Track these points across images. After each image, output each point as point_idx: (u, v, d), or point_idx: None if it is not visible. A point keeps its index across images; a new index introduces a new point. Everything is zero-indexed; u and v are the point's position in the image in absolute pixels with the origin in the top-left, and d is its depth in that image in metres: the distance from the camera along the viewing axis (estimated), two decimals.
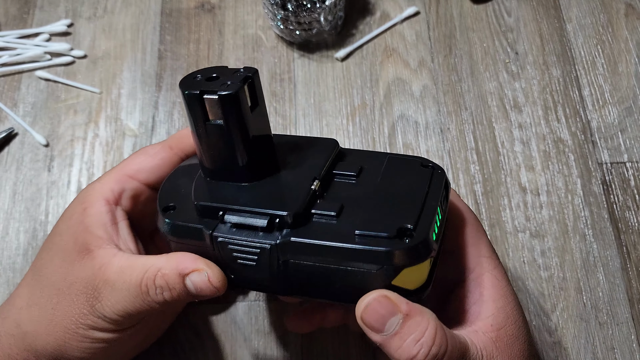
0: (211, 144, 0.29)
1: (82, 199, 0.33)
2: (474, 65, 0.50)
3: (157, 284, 0.29)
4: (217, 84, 0.28)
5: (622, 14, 0.52)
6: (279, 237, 0.28)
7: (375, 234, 0.27)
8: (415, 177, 0.31)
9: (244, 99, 0.28)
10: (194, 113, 0.28)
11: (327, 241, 0.27)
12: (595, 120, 0.48)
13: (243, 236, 0.28)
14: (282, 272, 0.28)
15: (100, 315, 0.31)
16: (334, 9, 0.49)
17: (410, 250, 0.27)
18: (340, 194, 0.30)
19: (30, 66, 0.51)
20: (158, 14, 0.54)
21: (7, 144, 0.49)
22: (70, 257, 0.31)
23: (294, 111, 0.49)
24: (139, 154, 0.35)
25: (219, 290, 0.29)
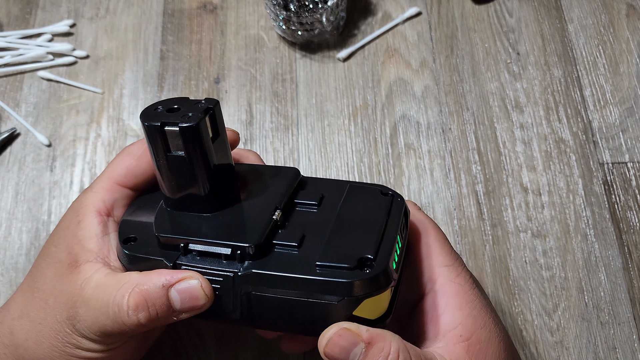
0: (172, 175, 0.29)
1: (77, 210, 0.33)
2: (476, 66, 0.50)
3: (130, 302, 0.28)
4: (178, 115, 0.28)
5: (623, 14, 0.52)
6: (240, 268, 0.28)
7: (336, 265, 0.27)
8: (374, 206, 0.31)
9: (204, 130, 0.28)
10: (154, 144, 0.28)
11: (289, 272, 0.27)
12: (596, 120, 0.48)
13: (207, 264, 0.28)
14: (246, 304, 0.28)
15: (82, 334, 0.30)
16: (335, 9, 0.49)
17: (370, 280, 0.27)
18: (302, 223, 0.30)
19: (32, 66, 0.51)
20: (160, 14, 0.54)
21: (10, 144, 0.49)
22: (60, 270, 0.31)
23: (296, 111, 0.49)
24: (124, 156, 0.34)
25: (209, 299, 0.28)
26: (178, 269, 0.28)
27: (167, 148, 0.28)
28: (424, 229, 0.32)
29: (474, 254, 0.43)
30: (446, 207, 0.45)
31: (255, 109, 0.49)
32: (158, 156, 0.29)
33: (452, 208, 0.45)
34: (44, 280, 0.32)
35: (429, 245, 0.32)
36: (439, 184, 0.46)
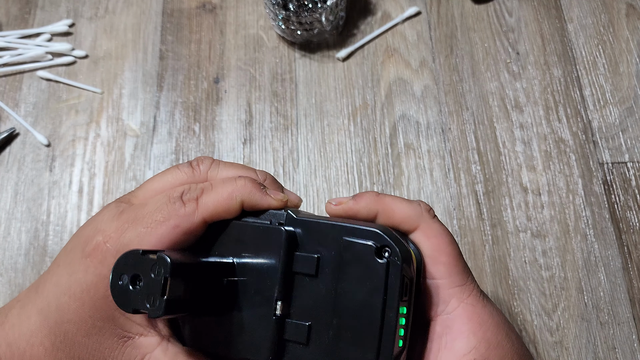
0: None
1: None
2: (475, 66, 0.50)
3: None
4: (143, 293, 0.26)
5: (623, 14, 0.52)
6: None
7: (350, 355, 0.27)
8: (371, 281, 0.29)
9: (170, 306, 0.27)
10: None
11: None
12: (596, 120, 0.48)
13: None
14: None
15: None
16: (335, 9, 0.49)
17: None
18: (305, 305, 0.29)
19: (31, 66, 0.51)
20: (159, 14, 0.54)
21: (9, 144, 0.49)
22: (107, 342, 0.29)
23: (295, 111, 0.49)
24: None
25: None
26: None
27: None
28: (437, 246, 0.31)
29: (474, 254, 0.43)
30: (446, 207, 0.45)
31: (255, 109, 0.49)
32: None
33: (451, 208, 0.45)
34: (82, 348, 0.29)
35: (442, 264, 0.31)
36: (439, 184, 0.46)
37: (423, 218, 0.31)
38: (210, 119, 0.49)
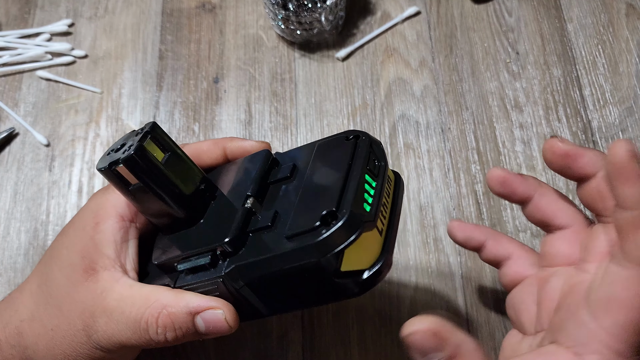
0: (143, 205, 0.30)
1: (96, 211, 0.32)
2: (475, 65, 0.50)
3: (160, 322, 0.29)
4: (121, 152, 0.29)
5: (622, 13, 0.52)
6: (224, 268, 0.28)
7: (302, 230, 0.26)
8: (338, 156, 0.30)
9: (145, 155, 0.29)
10: (115, 184, 0.30)
11: (264, 255, 0.27)
12: (596, 120, 0.48)
13: (198, 277, 0.29)
14: (246, 297, 0.29)
15: (98, 346, 0.30)
16: (334, 8, 0.49)
17: (337, 232, 0.25)
18: (275, 200, 0.30)
19: (31, 66, 0.51)
20: (159, 13, 0.54)
21: (8, 143, 0.49)
22: (75, 276, 0.31)
23: (295, 111, 0.49)
24: None
25: (233, 328, 0.29)
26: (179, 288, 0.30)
27: (126, 183, 0.29)
28: None
29: (474, 255, 0.43)
30: (445, 207, 0.45)
31: (254, 109, 0.49)
32: (124, 193, 0.30)
33: (451, 208, 0.45)
34: (57, 285, 0.31)
35: None
36: (438, 184, 0.46)
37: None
38: (209, 119, 0.49)
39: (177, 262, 0.30)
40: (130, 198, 0.30)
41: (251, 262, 0.27)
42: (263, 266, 0.27)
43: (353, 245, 0.26)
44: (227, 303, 0.29)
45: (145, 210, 0.31)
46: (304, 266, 0.26)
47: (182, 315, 0.29)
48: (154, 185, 0.29)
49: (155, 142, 0.30)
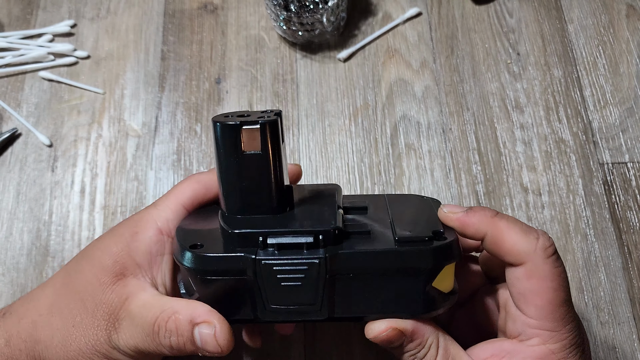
0: (243, 175, 0.30)
1: (136, 222, 0.32)
2: (476, 66, 0.50)
3: (168, 327, 0.29)
4: (251, 118, 0.29)
5: (623, 14, 0.52)
6: (326, 252, 0.28)
7: (415, 237, 0.28)
8: (419, 202, 0.34)
9: (280, 127, 0.29)
10: (229, 144, 0.29)
11: (372, 248, 0.28)
12: (596, 120, 0.48)
13: (288, 255, 0.28)
14: (328, 290, 0.29)
15: (116, 346, 0.30)
16: (336, 9, 0.49)
17: (448, 247, 0.28)
18: (361, 220, 0.31)
19: (33, 67, 0.51)
20: (161, 14, 0.54)
21: (11, 144, 0.49)
22: (104, 277, 0.31)
23: (297, 112, 0.49)
24: (193, 182, 0.34)
25: (222, 350, 0.29)
26: (258, 264, 0.28)
27: (238, 148, 0.29)
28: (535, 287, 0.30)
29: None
30: None
31: (256, 109, 0.49)
32: (230, 157, 0.29)
33: None
34: (84, 284, 0.31)
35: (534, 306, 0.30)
36: (440, 184, 0.46)
37: (533, 256, 0.29)
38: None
39: (268, 235, 0.29)
40: (231, 164, 0.29)
41: (358, 252, 0.28)
42: (369, 259, 0.28)
43: (446, 268, 0.29)
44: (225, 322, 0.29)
45: (239, 181, 0.30)
46: (412, 269, 0.28)
47: (185, 324, 0.29)
48: (273, 158, 0.29)
49: (280, 127, 0.30)
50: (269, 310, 0.29)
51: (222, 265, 0.29)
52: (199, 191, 0.34)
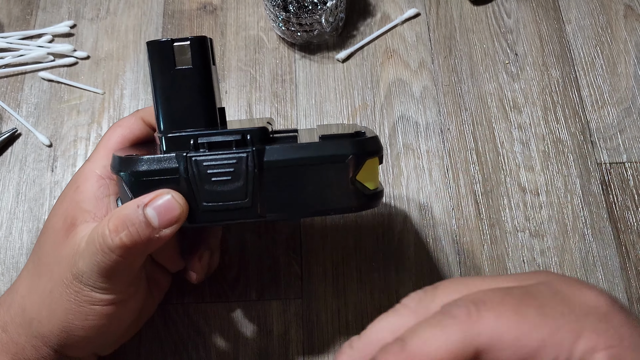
0: (176, 91, 0.31)
1: (76, 179, 0.34)
2: (474, 67, 0.50)
3: (111, 226, 0.29)
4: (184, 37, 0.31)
5: (621, 15, 0.52)
6: (252, 147, 0.30)
7: (337, 134, 0.31)
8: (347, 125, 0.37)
9: (210, 45, 0.31)
10: (162, 60, 0.31)
11: (297, 144, 0.30)
12: (594, 120, 0.48)
13: (218, 152, 0.30)
14: (257, 185, 0.30)
15: (89, 286, 0.31)
16: (335, 10, 0.49)
17: (369, 140, 0.31)
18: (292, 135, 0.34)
19: (33, 67, 0.52)
20: (160, 15, 0.54)
21: (11, 144, 0.49)
22: (58, 237, 0.32)
23: (295, 112, 0.49)
24: (116, 128, 0.35)
25: (184, 209, 0.29)
26: (189, 162, 0.30)
27: (174, 63, 0.31)
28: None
29: (472, 254, 0.43)
30: (444, 207, 0.45)
31: (255, 110, 0.50)
32: (164, 73, 0.31)
33: (450, 208, 0.45)
34: (45, 252, 0.33)
35: None
36: (438, 184, 0.46)
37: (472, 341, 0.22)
38: None
39: (199, 137, 0.30)
40: (163, 80, 0.31)
41: (282, 147, 0.30)
42: (293, 152, 0.30)
43: (369, 164, 0.31)
44: (172, 190, 0.30)
45: (172, 96, 0.31)
46: (333, 158, 0.30)
47: (131, 211, 0.29)
48: (204, 72, 0.31)
49: (211, 50, 0.32)
50: (202, 209, 0.30)
51: (155, 165, 0.30)
52: (125, 133, 0.35)
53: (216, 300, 0.42)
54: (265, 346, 0.41)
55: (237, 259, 0.43)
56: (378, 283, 0.42)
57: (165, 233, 0.30)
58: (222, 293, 0.42)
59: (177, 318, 0.42)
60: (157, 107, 0.31)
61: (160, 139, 0.31)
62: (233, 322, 0.42)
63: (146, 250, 0.31)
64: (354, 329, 0.41)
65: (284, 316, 0.42)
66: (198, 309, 0.42)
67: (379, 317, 0.26)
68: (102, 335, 0.33)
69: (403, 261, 0.43)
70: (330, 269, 0.43)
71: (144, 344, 0.41)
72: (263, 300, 0.42)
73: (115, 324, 0.34)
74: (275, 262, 0.43)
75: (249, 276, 0.43)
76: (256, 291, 0.42)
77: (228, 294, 0.42)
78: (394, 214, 0.45)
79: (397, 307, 0.27)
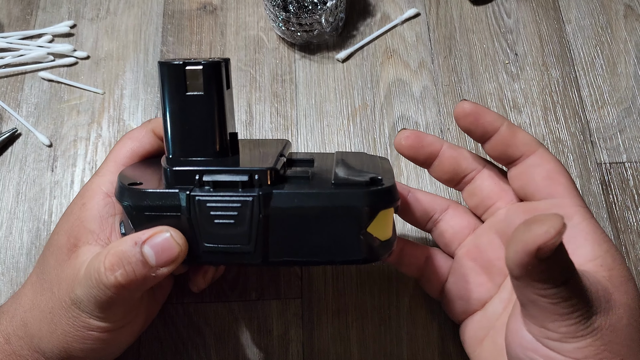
0: (186, 117, 0.30)
1: (82, 194, 0.33)
2: (474, 67, 0.50)
3: (107, 263, 0.28)
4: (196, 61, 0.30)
5: (621, 15, 0.52)
6: (259, 191, 0.28)
7: (351, 181, 0.29)
8: (365, 158, 0.34)
9: (223, 72, 0.30)
10: (172, 84, 0.29)
11: (308, 190, 0.29)
12: (594, 120, 0.48)
13: (223, 193, 0.29)
14: (262, 231, 0.29)
15: (87, 314, 0.30)
16: (335, 10, 0.49)
17: (384, 191, 0.29)
18: (303, 169, 0.32)
19: (33, 67, 0.52)
20: (160, 15, 0.54)
21: (11, 144, 0.49)
22: (61, 255, 0.32)
23: (295, 112, 0.49)
24: (127, 140, 0.35)
25: (183, 249, 0.28)
26: (192, 201, 0.28)
27: (185, 88, 0.29)
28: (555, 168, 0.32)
29: None
30: None
31: (255, 110, 0.50)
32: (174, 98, 0.30)
33: None
34: (49, 270, 0.32)
35: (562, 185, 0.31)
36: (438, 184, 0.46)
37: (541, 145, 0.32)
38: None
39: (204, 173, 0.29)
40: (174, 104, 0.30)
41: (291, 192, 0.28)
42: (302, 199, 0.28)
43: (382, 214, 0.29)
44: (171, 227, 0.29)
45: (182, 123, 0.30)
46: (344, 211, 0.28)
47: (128, 248, 0.28)
48: (215, 99, 0.29)
49: (226, 73, 0.30)
50: (203, 250, 0.29)
51: (158, 201, 0.29)
52: (135, 147, 0.34)
53: (216, 300, 0.42)
54: (265, 346, 0.41)
55: None
56: (378, 283, 0.42)
57: (162, 272, 0.29)
58: (222, 293, 0.42)
59: (176, 318, 0.42)
60: (167, 131, 0.30)
61: (165, 170, 0.30)
62: (233, 322, 0.42)
63: (142, 287, 0.30)
64: (354, 329, 0.41)
65: (283, 316, 0.42)
66: (198, 308, 0.42)
67: None
68: (102, 354, 0.33)
69: None
70: (330, 268, 0.43)
71: (144, 344, 0.41)
72: (263, 300, 0.42)
73: (115, 345, 0.33)
74: None
75: (249, 276, 0.43)
76: (256, 291, 0.42)
77: (228, 294, 0.42)
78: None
79: None
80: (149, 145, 0.35)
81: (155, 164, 0.34)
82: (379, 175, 0.30)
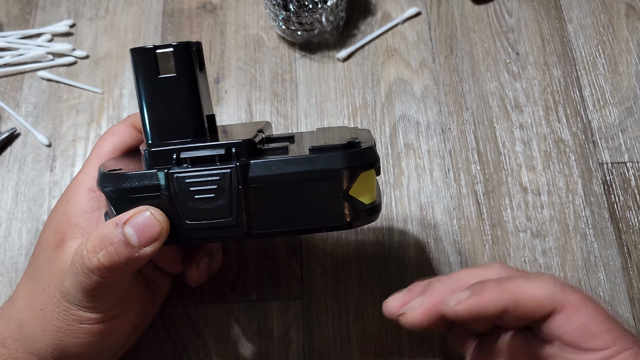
0: (160, 99, 0.30)
1: (67, 192, 0.34)
2: (475, 66, 0.50)
3: (89, 246, 0.29)
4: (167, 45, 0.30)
5: (622, 14, 0.52)
6: (237, 162, 0.28)
7: (329, 146, 0.29)
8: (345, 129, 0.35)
9: (194, 53, 0.30)
10: (145, 68, 0.30)
11: (284, 157, 0.29)
12: (596, 120, 0.48)
13: (201, 167, 0.29)
14: (243, 202, 0.29)
15: (76, 305, 0.30)
16: (335, 9, 0.49)
17: (363, 152, 0.29)
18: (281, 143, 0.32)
19: (32, 66, 0.51)
20: (160, 14, 0.54)
21: (10, 144, 0.49)
22: (50, 252, 0.32)
23: (296, 111, 0.49)
24: (108, 136, 0.35)
25: (164, 227, 0.28)
26: (170, 178, 0.29)
27: (157, 71, 0.29)
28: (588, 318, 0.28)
29: (474, 254, 0.43)
30: (445, 207, 0.45)
31: (255, 109, 0.49)
32: (148, 82, 0.30)
33: (451, 208, 0.45)
34: (39, 268, 0.32)
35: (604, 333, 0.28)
36: (439, 184, 0.46)
37: (558, 297, 0.28)
38: None
39: (181, 151, 0.29)
40: (148, 88, 0.30)
41: (269, 161, 0.28)
42: (280, 167, 0.28)
43: (363, 176, 0.29)
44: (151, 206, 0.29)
45: (157, 105, 0.30)
46: (322, 173, 0.28)
47: (110, 230, 0.28)
48: (188, 80, 0.30)
49: (198, 55, 0.30)
50: (185, 227, 0.29)
51: (137, 182, 0.29)
52: (116, 141, 0.35)
53: (216, 301, 0.42)
54: (265, 347, 0.41)
55: (236, 259, 0.43)
56: (379, 284, 0.42)
57: (146, 252, 0.29)
58: (221, 294, 0.42)
59: (176, 319, 0.41)
60: (143, 117, 0.30)
61: (143, 154, 0.30)
62: (233, 323, 0.41)
63: (127, 269, 0.30)
64: (355, 330, 0.41)
65: (284, 317, 0.41)
66: (198, 309, 0.42)
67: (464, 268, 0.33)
68: (98, 350, 0.33)
69: (404, 261, 0.43)
70: (330, 269, 0.43)
71: (144, 346, 0.41)
72: (263, 301, 0.42)
73: (110, 339, 0.33)
74: (275, 263, 0.43)
75: (249, 277, 0.43)
76: (256, 292, 0.42)
77: (228, 295, 0.42)
78: (395, 214, 0.45)
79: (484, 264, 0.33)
80: (129, 139, 0.35)
81: (136, 155, 0.34)
82: (357, 139, 0.29)
